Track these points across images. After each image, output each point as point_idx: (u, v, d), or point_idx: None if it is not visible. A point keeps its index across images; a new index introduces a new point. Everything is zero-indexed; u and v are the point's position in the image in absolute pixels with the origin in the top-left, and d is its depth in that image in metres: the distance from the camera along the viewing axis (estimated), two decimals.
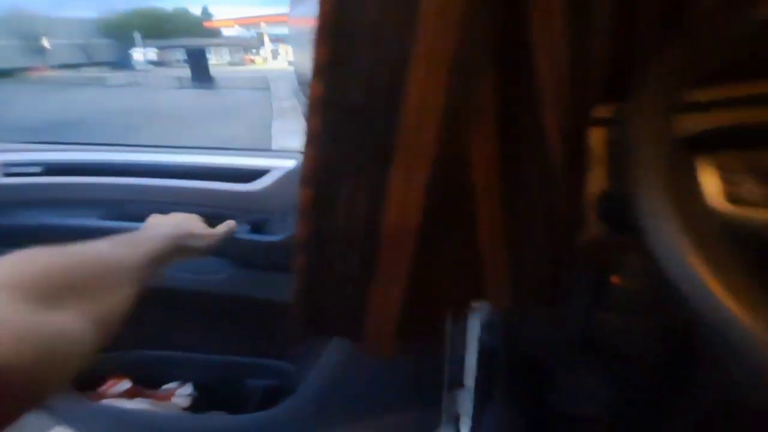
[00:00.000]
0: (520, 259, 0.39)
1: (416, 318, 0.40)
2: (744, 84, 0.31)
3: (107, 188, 0.90)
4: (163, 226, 0.60)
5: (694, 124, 0.28)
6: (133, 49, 21.71)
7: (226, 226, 0.70)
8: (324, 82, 0.32)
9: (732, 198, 0.25)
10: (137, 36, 22.70)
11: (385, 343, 0.40)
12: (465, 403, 0.75)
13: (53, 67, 19.05)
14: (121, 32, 24.36)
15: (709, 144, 0.27)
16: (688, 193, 0.23)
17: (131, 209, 0.87)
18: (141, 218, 0.65)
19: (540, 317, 0.48)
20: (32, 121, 6.64)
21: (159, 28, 26.35)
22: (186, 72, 11.90)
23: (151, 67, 19.70)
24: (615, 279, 0.41)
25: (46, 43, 22.26)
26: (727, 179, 0.25)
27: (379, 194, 0.35)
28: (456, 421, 0.76)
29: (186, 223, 0.63)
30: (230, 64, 21.61)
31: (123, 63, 19.70)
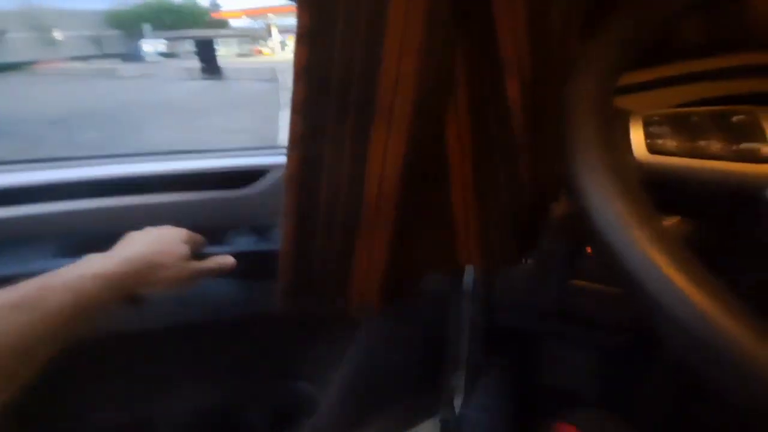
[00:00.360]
0: (490, 224, 0.42)
1: (398, 279, 0.43)
2: (674, 65, 0.34)
3: (56, 217, 0.68)
4: (135, 248, 0.47)
5: (629, 103, 0.31)
6: (143, 40, 21.77)
7: (216, 263, 0.55)
8: (306, 48, 0.34)
9: (652, 149, 0.28)
10: (147, 27, 22.74)
11: (370, 304, 0.43)
12: (459, 381, 0.78)
13: (65, 59, 19.21)
14: (131, 24, 24.41)
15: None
16: (618, 148, 0.26)
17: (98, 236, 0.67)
18: (109, 246, 0.52)
19: (520, 287, 0.51)
20: (45, 114, 6.74)
21: (168, 19, 26.34)
22: (195, 63, 11.93)
23: (160, 58, 19.76)
24: (589, 249, 0.44)
25: (58, 35, 22.43)
26: (649, 133, 0.28)
27: (361, 161, 0.37)
28: (452, 400, 0.79)
29: (159, 249, 0.48)
30: (238, 55, 21.56)
31: (133, 55, 19.76)
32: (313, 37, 0.33)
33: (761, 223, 0.28)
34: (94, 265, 0.42)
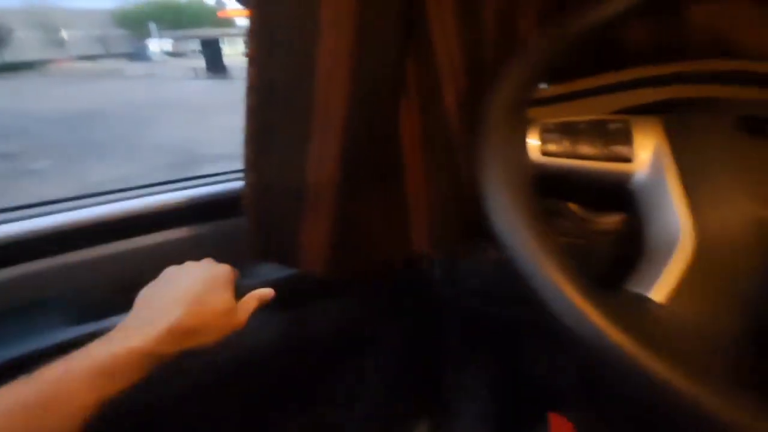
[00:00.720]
0: (438, 211, 0.48)
1: (347, 253, 0.50)
2: (613, 73, 0.39)
3: (54, 274, 0.54)
4: (178, 306, 0.37)
5: (539, 114, 0.36)
6: (149, 39, 21.93)
7: (258, 298, 0.44)
8: (255, 69, 0.41)
9: (543, 152, 0.34)
10: (153, 27, 22.91)
11: (318, 269, 0.50)
12: (445, 377, 0.80)
13: (73, 59, 19.41)
14: (138, 23, 24.59)
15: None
16: (514, 151, 0.33)
17: (108, 288, 0.56)
18: (124, 299, 0.42)
19: (488, 276, 0.56)
20: (54, 114, 6.84)
21: (174, 18, 26.49)
22: (201, 62, 12.03)
23: (166, 57, 19.89)
24: None
25: (65, 34, 22.67)
26: (543, 138, 0.34)
27: (302, 153, 0.44)
28: (439, 397, 0.81)
29: (207, 300, 0.39)
30: (244, 54, 21.64)
31: (140, 54, 19.92)
32: (259, 61, 0.42)
33: (628, 208, 0.34)
34: (129, 338, 0.34)
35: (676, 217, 0.29)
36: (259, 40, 0.41)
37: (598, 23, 0.36)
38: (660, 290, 0.27)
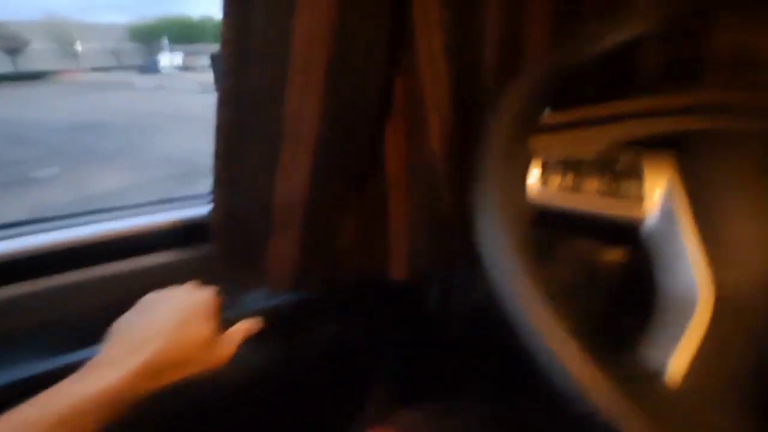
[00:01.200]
0: (417, 239, 0.48)
1: (314, 273, 0.49)
2: (626, 102, 0.37)
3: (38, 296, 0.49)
4: (156, 339, 0.34)
5: (542, 143, 0.34)
6: (161, 53, 22.40)
7: (244, 330, 0.40)
8: (229, 84, 0.41)
9: (544, 188, 0.32)
10: (164, 41, 23.44)
11: (283, 284, 0.49)
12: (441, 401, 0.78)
13: (86, 70, 19.83)
14: (151, 37, 25.18)
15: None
16: (514, 190, 0.30)
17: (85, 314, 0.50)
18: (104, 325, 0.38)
19: (482, 300, 0.54)
20: (64, 123, 6.94)
21: (186, 33, 27.11)
22: (209, 77, 12.23)
23: (176, 71, 20.27)
24: None
25: (79, 47, 23.22)
26: (545, 174, 0.32)
27: (272, 171, 0.43)
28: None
29: (187, 332, 0.36)
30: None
31: (150, 67, 20.31)
32: (233, 76, 0.41)
33: (635, 245, 0.31)
34: (102, 377, 0.31)
35: (690, 272, 0.26)
36: (234, 55, 0.40)
37: (607, 49, 0.34)
38: (677, 363, 0.24)
